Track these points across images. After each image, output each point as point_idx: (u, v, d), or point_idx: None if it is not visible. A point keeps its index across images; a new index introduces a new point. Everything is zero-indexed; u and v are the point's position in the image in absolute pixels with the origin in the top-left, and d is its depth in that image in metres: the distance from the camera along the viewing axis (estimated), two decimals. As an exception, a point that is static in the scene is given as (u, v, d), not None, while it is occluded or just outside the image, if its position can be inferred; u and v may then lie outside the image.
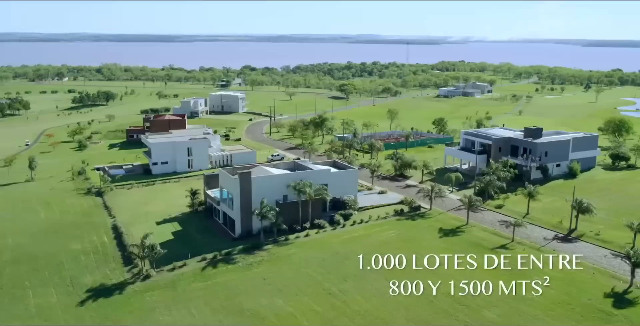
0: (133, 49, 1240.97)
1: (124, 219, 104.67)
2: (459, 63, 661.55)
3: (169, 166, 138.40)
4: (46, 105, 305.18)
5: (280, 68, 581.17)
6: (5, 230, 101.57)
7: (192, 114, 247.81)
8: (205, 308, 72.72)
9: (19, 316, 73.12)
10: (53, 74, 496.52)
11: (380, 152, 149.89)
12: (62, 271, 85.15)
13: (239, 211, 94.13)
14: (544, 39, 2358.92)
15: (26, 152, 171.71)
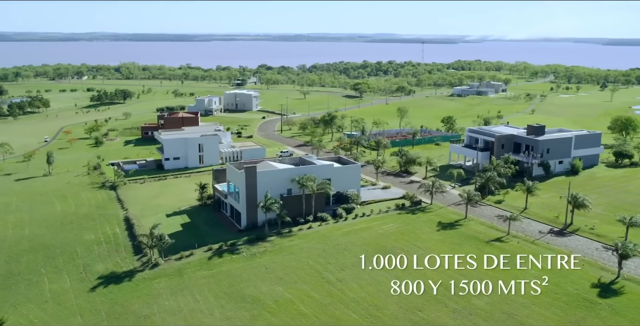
0: (151, 48, 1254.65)
1: (136, 211, 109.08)
2: (474, 62, 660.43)
3: (180, 162, 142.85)
4: (65, 103, 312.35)
5: (296, 67, 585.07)
6: (23, 221, 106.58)
7: (206, 112, 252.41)
8: (208, 294, 76.56)
9: (35, 300, 77.65)
10: (73, 73, 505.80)
11: (386, 149, 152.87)
12: (75, 259, 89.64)
13: (244, 204, 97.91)
14: (563, 38, 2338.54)
15: (45, 148, 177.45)
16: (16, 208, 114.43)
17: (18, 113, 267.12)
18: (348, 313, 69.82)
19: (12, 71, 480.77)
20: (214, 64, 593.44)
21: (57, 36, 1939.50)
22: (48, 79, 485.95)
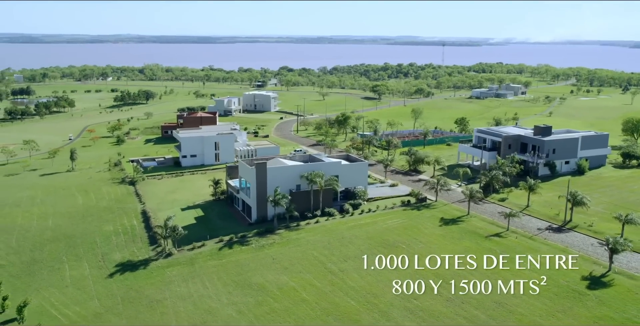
0: (175, 50, 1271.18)
1: (153, 205, 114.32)
2: (496, 65, 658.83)
3: (197, 159, 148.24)
4: (90, 103, 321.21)
5: (317, 69, 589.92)
6: (47, 213, 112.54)
7: (225, 112, 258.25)
8: (217, 282, 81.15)
9: (56, 285, 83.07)
10: (98, 74, 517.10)
11: (397, 149, 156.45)
12: (95, 248, 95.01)
13: (254, 199, 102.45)
14: (589, 41, 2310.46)
15: (69, 145, 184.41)
16: (41, 201, 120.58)
17: (44, 112, 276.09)
18: (347, 300, 73.82)
19: (40, 72, 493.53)
20: (236, 65, 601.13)
21: (83, 38, 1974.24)
22: (74, 80, 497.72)
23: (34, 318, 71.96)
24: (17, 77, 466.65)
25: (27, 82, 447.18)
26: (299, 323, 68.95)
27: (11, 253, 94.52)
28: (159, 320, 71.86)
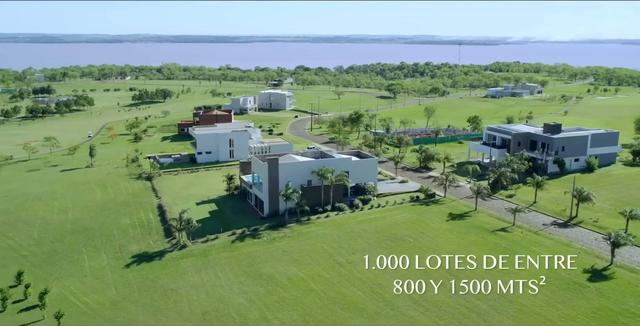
0: (193, 50, 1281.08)
1: (168, 200, 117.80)
2: (513, 64, 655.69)
3: (212, 156, 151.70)
4: (108, 102, 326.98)
5: (334, 68, 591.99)
6: (67, 206, 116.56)
7: (241, 110, 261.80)
8: (229, 273, 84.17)
9: (76, 274, 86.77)
10: (117, 73, 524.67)
11: (409, 146, 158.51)
12: (112, 240, 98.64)
13: (267, 193, 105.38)
14: (610, 40, 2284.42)
15: (88, 142, 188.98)
16: (61, 195, 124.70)
17: (65, 111, 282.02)
18: (353, 290, 76.43)
19: (60, 71, 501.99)
20: (252, 65, 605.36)
21: (103, 38, 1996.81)
22: (93, 79, 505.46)
23: (54, 305, 75.38)
24: (38, 77, 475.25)
25: (48, 81, 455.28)
26: (306, 312, 71.68)
27: (33, 244, 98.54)
28: (173, 307, 75.06)
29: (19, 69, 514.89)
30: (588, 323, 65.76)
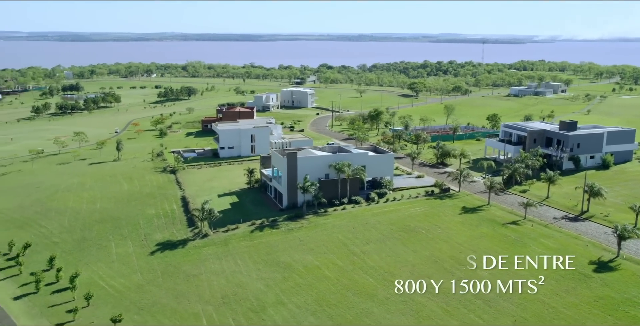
0: (217, 48, 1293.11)
1: (191, 192, 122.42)
2: (538, 63, 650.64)
3: (234, 151, 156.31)
4: (135, 99, 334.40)
5: (357, 67, 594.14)
6: (96, 197, 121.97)
7: (264, 108, 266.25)
8: (248, 260, 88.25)
9: (103, 260, 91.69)
10: (143, 71, 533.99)
11: (426, 143, 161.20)
12: (138, 229, 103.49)
13: (285, 186, 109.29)
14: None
15: (115, 137, 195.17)
16: (90, 187, 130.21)
17: (93, 107, 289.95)
18: (365, 278, 79.94)
19: (88, 69, 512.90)
20: (276, 63, 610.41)
21: (129, 36, 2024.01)
22: (120, 76, 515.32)
23: (84, 287, 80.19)
24: (67, 74, 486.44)
25: (76, 78, 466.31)
26: (320, 296, 75.37)
27: (64, 232, 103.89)
28: (194, 291, 79.35)
29: (49, 67, 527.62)
30: (590, 311, 68.32)
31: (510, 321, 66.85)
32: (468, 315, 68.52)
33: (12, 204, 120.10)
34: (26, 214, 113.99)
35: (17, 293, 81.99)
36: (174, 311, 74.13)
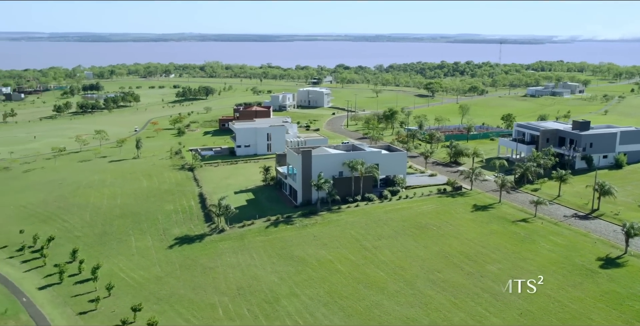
0: (235, 48, 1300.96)
1: (209, 189, 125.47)
2: (556, 63, 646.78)
3: (250, 149, 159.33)
4: (153, 98, 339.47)
5: (373, 67, 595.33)
6: (116, 193, 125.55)
7: (280, 107, 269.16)
8: (263, 254, 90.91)
9: (124, 253, 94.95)
10: (161, 71, 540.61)
11: (440, 142, 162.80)
12: (157, 224, 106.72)
13: (300, 183, 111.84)
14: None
15: (134, 136, 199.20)
16: (110, 183, 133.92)
17: (112, 106, 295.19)
18: (377, 271, 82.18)
19: (108, 69, 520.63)
20: (293, 63, 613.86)
21: (148, 37, 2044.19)
22: (139, 76, 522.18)
23: (105, 278, 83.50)
24: (87, 74, 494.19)
25: (96, 78, 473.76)
26: (332, 289, 77.76)
27: (86, 226, 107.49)
28: (211, 283, 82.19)
29: (70, 67, 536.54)
30: (595, 305, 69.86)
31: (516, 313, 68.66)
32: (475, 308, 70.47)
33: (36, 199, 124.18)
34: (50, 209, 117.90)
35: (42, 283, 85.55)
36: (191, 301, 77.00)
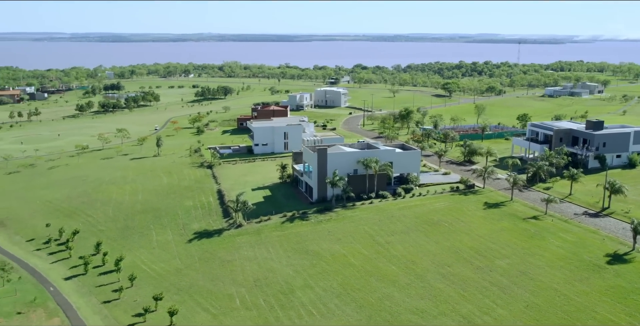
0: (253, 48, 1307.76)
1: (227, 185, 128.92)
2: (576, 63, 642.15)
3: (268, 147, 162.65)
4: (173, 98, 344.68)
5: (391, 67, 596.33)
6: (137, 190, 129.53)
7: (297, 107, 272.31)
8: (279, 248, 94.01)
9: (145, 247, 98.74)
10: (181, 71, 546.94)
11: (454, 142, 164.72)
12: (177, 219, 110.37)
13: (315, 181, 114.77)
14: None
15: (155, 134, 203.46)
16: (132, 180, 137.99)
17: (133, 106, 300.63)
18: (388, 265, 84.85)
19: (128, 69, 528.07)
20: (311, 63, 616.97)
21: (168, 37, 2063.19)
22: (159, 76, 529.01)
23: (128, 270, 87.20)
24: (108, 74, 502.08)
25: (117, 78, 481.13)
26: (345, 281, 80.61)
27: (109, 221, 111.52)
28: (228, 275, 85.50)
29: (91, 67, 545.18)
30: (600, 298, 71.90)
31: (523, 306, 70.92)
32: (483, 300, 72.85)
33: (61, 195, 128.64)
34: (74, 204, 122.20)
35: (68, 274, 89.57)
36: (210, 292, 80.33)
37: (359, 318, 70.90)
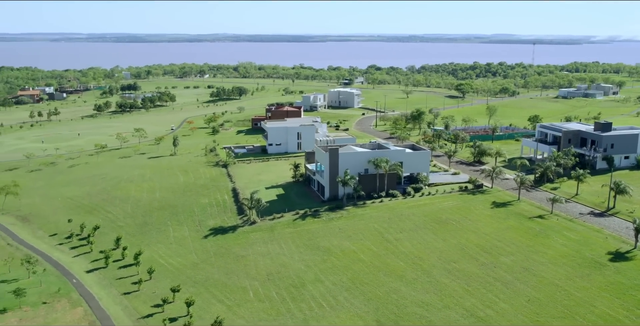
0: (268, 49, 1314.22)
1: (241, 184, 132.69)
2: (591, 64, 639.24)
3: (281, 147, 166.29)
4: (189, 98, 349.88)
5: (405, 68, 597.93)
6: (155, 187, 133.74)
7: (311, 108, 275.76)
8: (291, 245, 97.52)
9: (163, 242, 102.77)
10: (196, 71, 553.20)
11: (465, 142, 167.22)
12: (193, 216, 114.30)
13: (327, 180, 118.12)
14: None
15: (171, 134, 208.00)
16: (149, 178, 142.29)
17: (149, 106, 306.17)
18: (396, 261, 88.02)
19: (144, 69, 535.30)
20: (325, 64, 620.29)
21: (183, 38, 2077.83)
22: (174, 77, 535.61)
23: (146, 264, 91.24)
24: (125, 74, 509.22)
25: (134, 78, 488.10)
26: (354, 276, 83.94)
27: (127, 217, 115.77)
28: (242, 269, 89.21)
29: (108, 67, 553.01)
30: (599, 294, 74.58)
31: (524, 300, 73.77)
32: (486, 294, 75.82)
33: (81, 192, 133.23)
34: (94, 201, 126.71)
35: (89, 267, 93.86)
36: (225, 285, 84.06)
37: (366, 310, 74.24)
